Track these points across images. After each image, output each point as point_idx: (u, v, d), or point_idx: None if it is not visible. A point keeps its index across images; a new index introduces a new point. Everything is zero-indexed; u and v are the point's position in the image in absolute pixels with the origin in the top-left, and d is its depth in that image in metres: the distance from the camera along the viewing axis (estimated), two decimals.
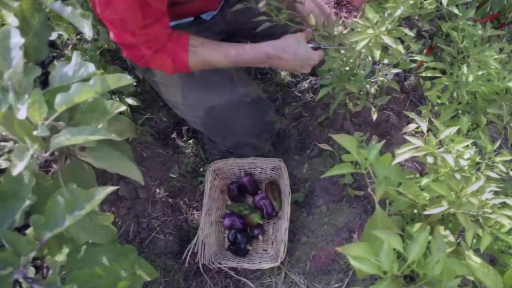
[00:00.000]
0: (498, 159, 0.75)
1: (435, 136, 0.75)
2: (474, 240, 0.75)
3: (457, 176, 0.69)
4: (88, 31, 0.93)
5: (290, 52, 0.96)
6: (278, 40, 0.98)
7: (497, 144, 0.78)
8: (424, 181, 0.70)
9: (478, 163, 0.76)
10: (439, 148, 0.73)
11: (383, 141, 0.77)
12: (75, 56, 0.79)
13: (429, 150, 0.71)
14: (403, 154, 0.69)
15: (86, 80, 0.79)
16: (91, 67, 0.79)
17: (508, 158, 0.76)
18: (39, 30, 1.00)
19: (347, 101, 1.30)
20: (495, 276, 0.64)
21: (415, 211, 0.86)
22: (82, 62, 0.80)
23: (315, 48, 1.02)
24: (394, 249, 0.60)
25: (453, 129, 0.74)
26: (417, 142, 0.72)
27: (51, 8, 0.98)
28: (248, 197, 1.43)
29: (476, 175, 0.70)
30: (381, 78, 1.00)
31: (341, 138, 0.76)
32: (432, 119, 0.82)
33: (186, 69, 0.98)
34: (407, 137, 0.74)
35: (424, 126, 0.75)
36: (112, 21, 0.90)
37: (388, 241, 0.58)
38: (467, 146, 0.72)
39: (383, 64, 0.97)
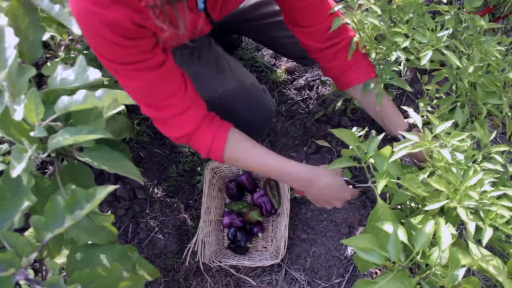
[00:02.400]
0: (494, 149, 0.75)
1: (431, 131, 0.75)
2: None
3: (454, 170, 0.69)
4: (76, 29, 0.92)
5: (323, 180, 0.93)
6: (313, 166, 0.97)
7: (493, 135, 0.78)
8: (421, 176, 0.71)
9: (474, 155, 0.76)
10: (435, 142, 0.73)
11: (383, 134, 0.77)
12: (80, 60, 0.78)
13: (425, 146, 0.71)
14: (400, 151, 0.69)
15: (88, 86, 0.78)
16: (96, 74, 0.78)
17: (503, 148, 0.76)
18: (31, 30, 0.99)
19: (351, 97, 1.29)
20: (500, 265, 0.65)
21: (413, 204, 0.86)
22: (86, 67, 0.79)
23: (348, 184, 0.98)
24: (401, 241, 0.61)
25: (448, 123, 0.74)
26: (413, 137, 0.72)
27: (41, 8, 0.97)
28: (246, 195, 1.42)
29: (473, 168, 0.70)
30: (388, 76, 1.00)
31: (340, 133, 0.77)
32: (428, 114, 0.83)
33: (220, 160, 0.96)
34: (402, 133, 0.74)
35: (419, 121, 0.75)
36: (134, 95, 0.87)
37: (396, 232, 0.58)
38: (463, 139, 0.73)
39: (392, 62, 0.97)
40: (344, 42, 0.97)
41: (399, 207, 0.99)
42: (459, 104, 0.87)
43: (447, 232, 0.63)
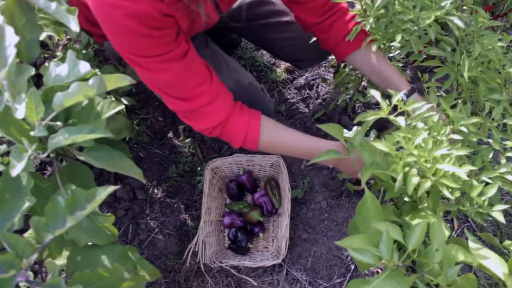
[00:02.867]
0: (462, 122, 0.75)
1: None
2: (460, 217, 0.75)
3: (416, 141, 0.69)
4: (74, 26, 0.91)
5: (353, 154, 0.94)
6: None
7: (459, 108, 0.78)
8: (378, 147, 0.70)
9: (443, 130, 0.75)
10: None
11: (368, 124, 0.76)
12: (70, 55, 0.78)
13: (382, 115, 0.72)
14: (367, 118, 0.70)
15: (81, 79, 0.77)
16: (86, 66, 0.78)
17: (472, 121, 0.76)
18: (28, 29, 0.98)
19: (356, 92, 1.28)
20: (500, 263, 0.64)
21: (406, 198, 0.86)
22: (77, 61, 0.78)
23: None
24: (395, 240, 0.61)
25: (402, 93, 0.75)
26: (372, 112, 0.73)
27: (38, 7, 0.96)
28: (247, 195, 1.42)
29: (440, 139, 0.69)
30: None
31: (328, 127, 0.78)
32: (390, 90, 0.83)
33: (255, 147, 0.95)
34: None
35: (378, 96, 0.75)
36: (160, 89, 0.87)
37: (387, 231, 0.58)
38: (428, 111, 0.73)
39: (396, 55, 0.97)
40: (339, 12, 0.99)
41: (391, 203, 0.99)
42: (460, 101, 0.87)
43: (441, 230, 0.63)
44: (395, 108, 0.78)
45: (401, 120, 0.71)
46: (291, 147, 0.97)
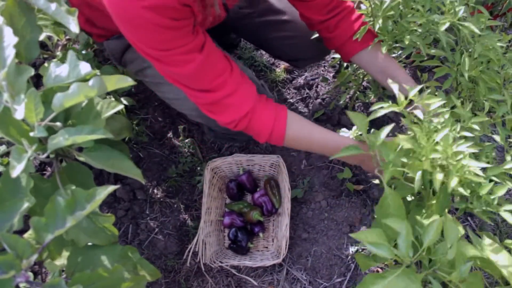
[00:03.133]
0: (472, 120, 0.76)
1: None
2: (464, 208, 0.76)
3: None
4: (73, 28, 0.91)
5: None
6: None
7: (469, 106, 0.78)
8: (402, 144, 0.71)
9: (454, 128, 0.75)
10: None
11: (393, 124, 0.76)
12: (70, 56, 0.78)
13: (398, 108, 0.72)
14: (380, 110, 0.70)
15: (81, 80, 0.77)
16: (87, 67, 0.78)
17: (482, 119, 0.76)
18: (28, 29, 0.98)
19: (358, 93, 1.28)
20: (507, 258, 0.65)
21: (411, 198, 0.87)
22: (77, 62, 0.78)
23: None
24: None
25: (419, 87, 0.75)
26: (389, 104, 0.73)
27: (38, 7, 0.96)
28: (247, 195, 1.42)
29: (451, 133, 0.70)
30: None
31: (354, 116, 0.77)
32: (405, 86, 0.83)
33: (281, 142, 0.93)
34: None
35: (395, 89, 0.75)
36: (180, 83, 0.86)
37: (407, 227, 0.58)
38: (442, 107, 0.73)
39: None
40: (345, 11, 0.99)
41: None
42: (460, 101, 0.87)
43: (454, 227, 0.63)
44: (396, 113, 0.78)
45: (419, 114, 0.70)
46: (315, 143, 0.95)
